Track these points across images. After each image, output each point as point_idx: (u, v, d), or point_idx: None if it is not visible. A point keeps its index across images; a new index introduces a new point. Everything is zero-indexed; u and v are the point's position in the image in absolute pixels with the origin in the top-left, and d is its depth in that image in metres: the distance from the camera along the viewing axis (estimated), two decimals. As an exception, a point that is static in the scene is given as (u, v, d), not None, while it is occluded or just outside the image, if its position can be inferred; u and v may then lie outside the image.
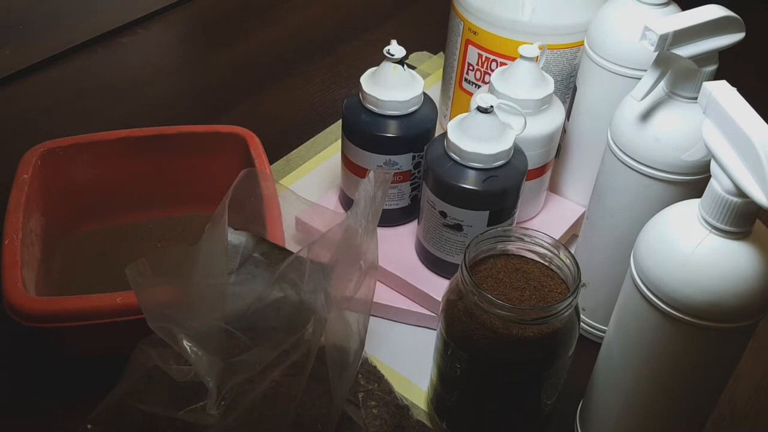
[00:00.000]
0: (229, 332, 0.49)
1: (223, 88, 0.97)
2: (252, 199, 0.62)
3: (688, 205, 0.48)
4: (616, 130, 0.58)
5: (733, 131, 0.43)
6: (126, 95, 0.94)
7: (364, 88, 0.68)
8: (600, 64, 0.65)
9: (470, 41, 0.75)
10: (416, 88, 0.67)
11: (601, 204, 0.62)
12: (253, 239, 0.53)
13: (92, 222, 0.72)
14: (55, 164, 0.69)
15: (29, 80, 0.95)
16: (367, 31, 1.07)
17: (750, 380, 0.67)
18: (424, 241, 0.68)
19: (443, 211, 0.64)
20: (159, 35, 1.06)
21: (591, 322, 0.68)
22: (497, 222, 0.64)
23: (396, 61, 0.67)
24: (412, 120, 0.68)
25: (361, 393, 0.58)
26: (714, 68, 0.53)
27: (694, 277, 0.46)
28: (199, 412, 0.49)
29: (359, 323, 0.53)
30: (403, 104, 0.67)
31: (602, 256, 0.63)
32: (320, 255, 0.51)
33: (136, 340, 0.51)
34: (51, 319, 0.57)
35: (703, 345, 0.48)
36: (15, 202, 0.63)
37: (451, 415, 0.59)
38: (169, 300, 0.48)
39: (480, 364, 0.54)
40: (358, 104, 0.69)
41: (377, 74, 0.68)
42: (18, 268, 0.58)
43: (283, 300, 0.50)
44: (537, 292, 0.54)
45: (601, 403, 0.57)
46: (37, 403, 0.62)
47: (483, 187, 0.62)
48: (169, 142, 0.72)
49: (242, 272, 0.52)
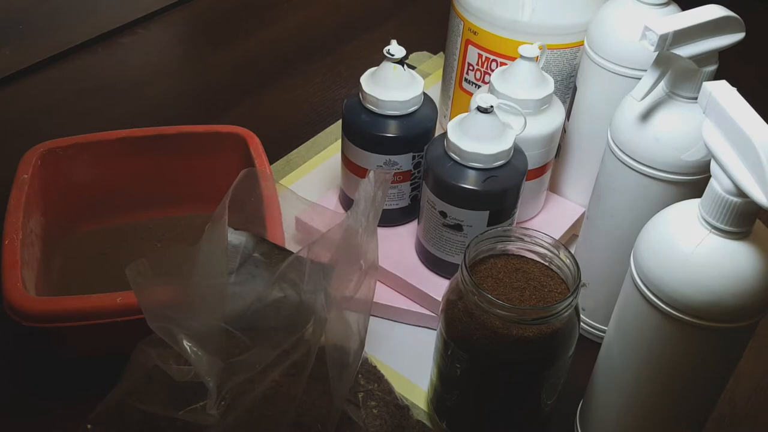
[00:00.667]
0: (229, 332, 0.49)
1: (223, 88, 0.97)
2: (252, 199, 0.62)
3: (688, 205, 0.48)
4: (616, 130, 0.58)
5: (733, 131, 0.43)
6: (126, 95, 0.94)
7: (364, 88, 0.68)
8: (600, 64, 0.65)
9: (470, 41, 0.75)
10: (416, 88, 0.67)
11: (601, 204, 0.62)
12: (253, 239, 0.53)
13: (92, 222, 0.72)
14: (55, 164, 0.69)
15: (29, 80, 0.95)
16: (367, 31, 1.07)
17: (750, 380, 0.67)
18: (424, 241, 0.68)
19: (443, 211, 0.64)
20: (159, 35, 1.05)
21: (591, 322, 0.68)
22: (497, 222, 0.64)
23: (396, 61, 0.67)
24: (412, 120, 0.68)
25: (361, 393, 0.58)
26: (714, 68, 0.53)
27: (694, 277, 0.46)
28: (199, 412, 0.49)
29: (359, 323, 0.53)
30: (403, 104, 0.67)
31: (602, 256, 0.63)
32: (320, 255, 0.51)
33: (136, 340, 0.51)
34: (51, 319, 0.57)
35: (703, 345, 0.48)
36: (15, 202, 0.63)
37: (451, 415, 0.59)
38: (169, 300, 0.48)
39: (480, 364, 0.54)
40: (358, 104, 0.69)
41: (377, 74, 0.68)
42: (18, 268, 0.58)
43: (283, 300, 0.50)
44: (537, 292, 0.54)
45: (601, 403, 0.56)
46: (37, 403, 0.62)
47: (483, 187, 0.62)
48: (169, 142, 0.72)
49: (242, 272, 0.52)
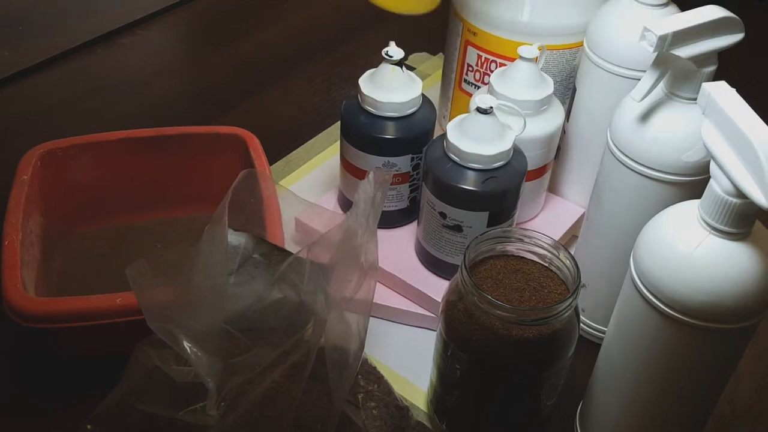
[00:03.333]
0: (229, 333, 0.49)
1: (223, 88, 0.97)
2: (252, 200, 0.62)
3: (688, 206, 0.48)
4: (616, 130, 0.58)
5: (732, 132, 0.43)
6: (126, 96, 0.94)
7: (362, 89, 0.67)
8: (599, 65, 0.65)
9: (469, 42, 0.75)
10: (415, 90, 0.67)
11: (600, 205, 0.62)
12: (253, 240, 0.53)
13: (92, 222, 0.72)
14: (55, 165, 0.69)
15: (29, 81, 0.95)
16: (367, 32, 1.07)
17: (750, 380, 0.67)
18: (423, 242, 0.68)
19: (443, 212, 0.64)
20: (159, 36, 1.05)
21: (591, 323, 0.68)
22: (497, 223, 0.64)
23: (394, 63, 0.67)
24: (410, 122, 0.68)
25: (360, 394, 0.58)
26: (713, 69, 0.53)
27: (693, 278, 0.46)
28: (199, 412, 0.49)
29: (359, 324, 0.53)
30: (401, 106, 0.67)
31: (602, 257, 0.63)
32: (320, 256, 0.51)
33: (136, 341, 0.51)
34: (51, 320, 0.57)
35: (702, 346, 0.48)
36: (15, 202, 0.63)
37: (450, 416, 0.59)
38: (169, 301, 0.48)
39: (480, 365, 0.54)
40: (356, 106, 0.69)
41: (376, 76, 0.67)
42: (18, 269, 0.58)
43: (282, 301, 0.50)
44: (537, 293, 0.54)
45: (601, 404, 0.57)
46: (37, 404, 0.62)
47: (482, 188, 0.62)
48: (169, 142, 0.72)
49: (242, 273, 0.52)
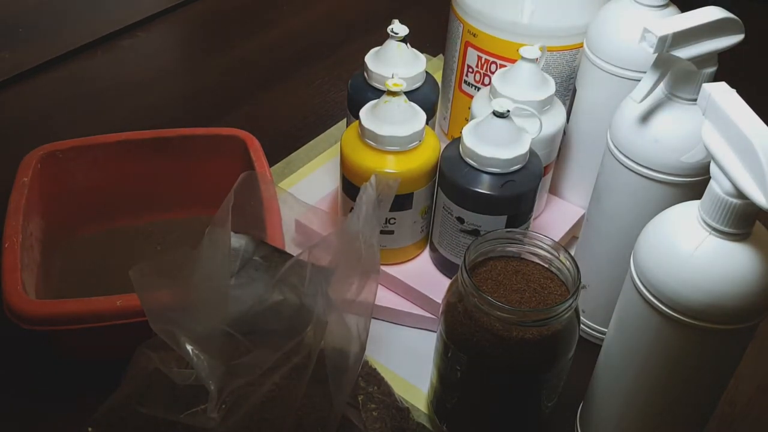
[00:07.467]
0: (230, 335, 0.49)
1: (223, 90, 0.97)
2: (252, 203, 0.62)
3: (688, 206, 0.48)
4: (616, 131, 0.58)
5: (732, 133, 0.43)
6: (126, 98, 0.94)
7: (369, 65, 0.70)
8: (599, 66, 0.65)
9: (470, 43, 0.75)
10: (419, 66, 0.70)
11: (600, 206, 0.62)
12: (253, 242, 0.53)
13: (92, 225, 0.72)
14: (55, 167, 0.68)
15: (29, 83, 0.95)
16: (367, 34, 1.07)
17: (750, 380, 0.67)
18: (439, 246, 0.68)
19: (460, 216, 0.64)
20: (159, 38, 1.06)
21: (591, 324, 0.68)
22: (514, 226, 0.64)
23: (400, 39, 0.69)
24: (415, 96, 0.70)
25: (361, 395, 0.58)
26: (713, 70, 0.53)
27: (694, 279, 0.46)
28: (199, 415, 0.49)
29: (359, 326, 0.53)
30: (407, 81, 0.67)
31: (602, 258, 0.63)
32: (320, 258, 0.51)
33: (136, 343, 0.51)
34: (51, 323, 0.57)
35: (703, 347, 0.48)
36: (15, 205, 0.63)
37: (451, 418, 0.59)
38: (172, 302, 0.48)
39: (480, 366, 0.54)
40: (363, 82, 0.71)
41: (381, 52, 0.70)
42: (18, 271, 0.58)
43: (283, 303, 0.50)
44: (537, 295, 0.54)
45: (601, 405, 0.56)
46: (37, 407, 0.61)
47: (501, 192, 0.62)
48: (169, 145, 0.72)
49: (242, 275, 0.52)
